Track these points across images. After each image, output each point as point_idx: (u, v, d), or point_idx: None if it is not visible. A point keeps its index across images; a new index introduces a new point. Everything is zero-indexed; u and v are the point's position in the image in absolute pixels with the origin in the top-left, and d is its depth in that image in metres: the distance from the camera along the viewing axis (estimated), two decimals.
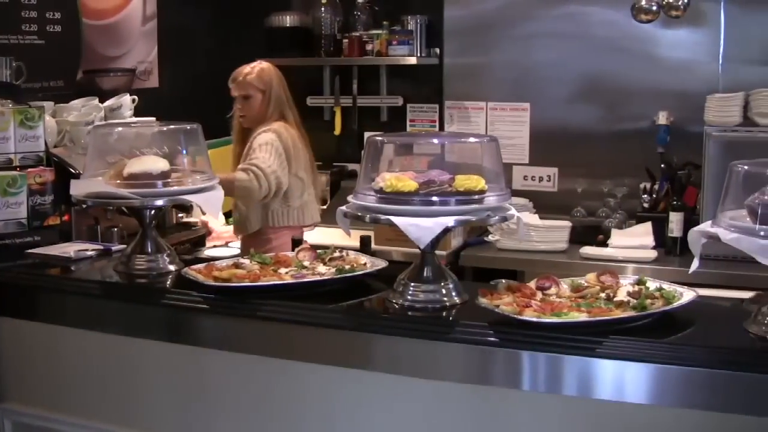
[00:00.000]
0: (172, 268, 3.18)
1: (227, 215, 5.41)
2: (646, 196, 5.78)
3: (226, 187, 4.71)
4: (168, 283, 3.10)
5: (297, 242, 4.21)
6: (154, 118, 4.56)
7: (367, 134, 5.79)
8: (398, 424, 2.79)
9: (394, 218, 2.63)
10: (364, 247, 3.78)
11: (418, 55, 6.34)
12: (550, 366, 2.49)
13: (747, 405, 2.33)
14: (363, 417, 2.82)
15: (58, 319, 3.21)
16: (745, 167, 2.49)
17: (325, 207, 6.01)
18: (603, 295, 2.68)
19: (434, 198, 2.64)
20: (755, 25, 5.73)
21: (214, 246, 5.47)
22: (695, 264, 2.60)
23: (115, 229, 4.32)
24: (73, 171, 4.06)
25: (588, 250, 5.53)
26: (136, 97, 5.08)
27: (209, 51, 6.39)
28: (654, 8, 5.60)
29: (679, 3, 5.54)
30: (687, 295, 2.66)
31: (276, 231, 4.95)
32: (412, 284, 2.73)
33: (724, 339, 2.51)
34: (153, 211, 3.19)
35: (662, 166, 5.71)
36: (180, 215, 5.32)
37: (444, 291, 2.73)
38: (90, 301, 3.13)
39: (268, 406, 2.95)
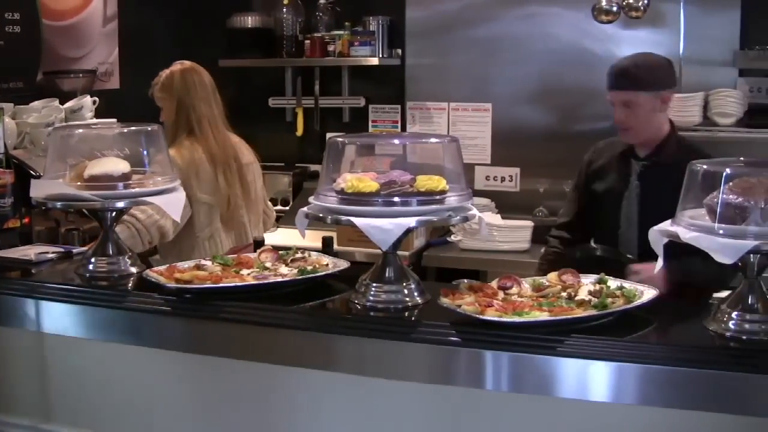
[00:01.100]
0: (133, 270, 3.16)
1: None
2: None
3: None
4: (129, 285, 3.09)
5: (259, 244, 4.20)
6: (115, 120, 4.52)
7: (329, 135, 5.78)
8: (361, 425, 2.79)
9: (355, 219, 2.63)
10: (327, 248, 3.77)
11: (380, 55, 6.35)
12: (511, 365, 2.50)
13: (707, 401, 2.35)
14: (326, 418, 2.83)
15: (18, 323, 3.19)
16: (704, 167, 2.51)
17: (287, 208, 6.01)
18: (564, 294, 2.69)
19: (395, 199, 2.64)
20: (715, 26, 5.77)
21: None
22: (659, 263, 2.62)
23: (76, 232, 4.28)
24: (33, 173, 4.02)
25: None
26: (96, 99, 5.05)
27: (170, 52, 6.34)
28: (614, 9, 5.62)
29: (639, 4, 5.57)
30: (647, 293, 2.67)
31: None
32: (374, 285, 2.73)
33: (684, 337, 2.54)
34: (114, 213, 3.17)
35: None
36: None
37: (406, 291, 2.73)
38: (51, 305, 3.11)
39: (231, 408, 2.94)
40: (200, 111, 4.53)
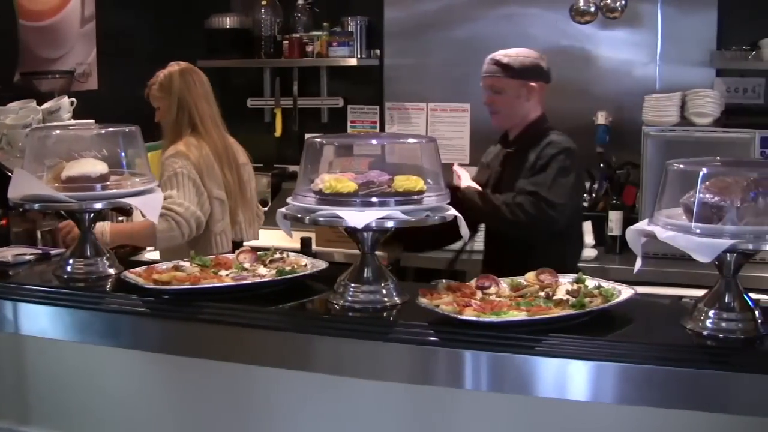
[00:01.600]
0: (111, 271, 3.15)
1: None
2: (585, 195, 5.82)
3: (144, 237, 4.55)
4: (108, 286, 3.07)
5: (237, 245, 4.20)
6: (93, 121, 4.50)
7: (307, 136, 5.78)
8: (340, 425, 2.79)
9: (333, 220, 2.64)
10: (305, 248, 3.78)
11: (359, 56, 6.36)
12: (490, 365, 2.50)
13: (684, 400, 2.36)
14: (305, 418, 2.82)
15: None
16: (681, 166, 2.52)
17: (266, 209, 5.99)
18: (542, 293, 2.70)
19: (373, 199, 2.64)
20: (692, 27, 5.81)
21: (155, 249, 5.43)
22: (639, 263, 2.62)
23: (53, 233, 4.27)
24: (10, 174, 3.99)
25: None
26: (74, 100, 5.03)
27: (149, 53, 6.35)
28: (592, 10, 5.65)
29: (617, 4, 5.59)
30: (625, 292, 2.68)
31: None
32: (353, 285, 2.73)
33: (661, 335, 2.54)
34: (92, 215, 3.16)
35: (601, 165, 5.77)
36: (120, 218, 5.27)
37: (384, 291, 2.73)
38: (28, 307, 3.09)
39: (210, 409, 2.94)
40: (202, 109, 4.64)
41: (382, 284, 2.74)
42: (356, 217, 2.59)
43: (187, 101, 4.62)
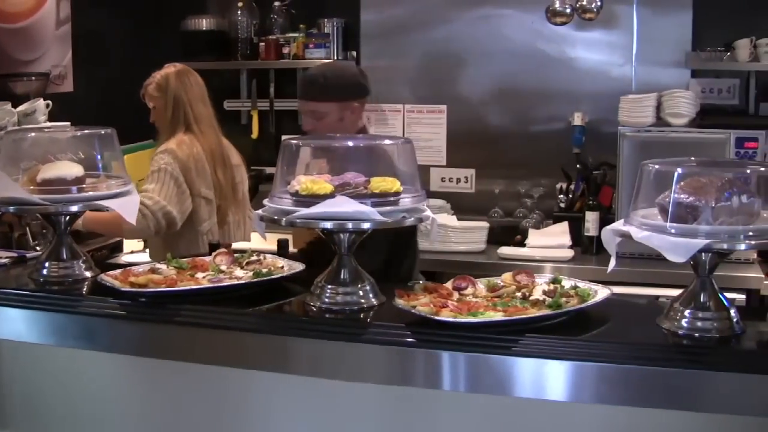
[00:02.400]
0: (88, 274, 3.13)
1: None
2: (562, 196, 5.86)
3: (114, 226, 4.55)
4: (84, 289, 3.06)
5: (214, 246, 4.19)
6: (68, 123, 4.50)
7: (284, 137, 5.77)
8: (318, 427, 2.79)
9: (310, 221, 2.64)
10: (282, 250, 3.76)
11: (335, 57, 6.35)
12: (467, 365, 2.50)
13: (661, 398, 2.37)
14: (282, 420, 2.82)
15: None
16: (656, 166, 2.53)
17: None
18: (519, 294, 2.70)
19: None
20: (667, 28, 5.84)
21: (132, 252, 5.42)
22: (612, 263, 2.64)
23: (45, 231, 4.26)
24: None
25: (506, 250, 5.59)
26: (50, 102, 5.02)
27: (125, 55, 6.34)
28: (568, 11, 5.66)
29: (593, 6, 5.61)
30: (601, 292, 2.69)
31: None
32: (329, 287, 2.73)
33: (637, 335, 2.55)
34: (68, 218, 3.15)
35: (578, 166, 5.79)
36: None
37: (361, 293, 2.73)
38: (4, 310, 3.08)
39: (187, 411, 2.94)
40: (197, 110, 4.68)
41: (359, 286, 2.74)
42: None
43: (183, 101, 4.65)
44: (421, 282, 2.77)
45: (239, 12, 6.50)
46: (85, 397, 3.09)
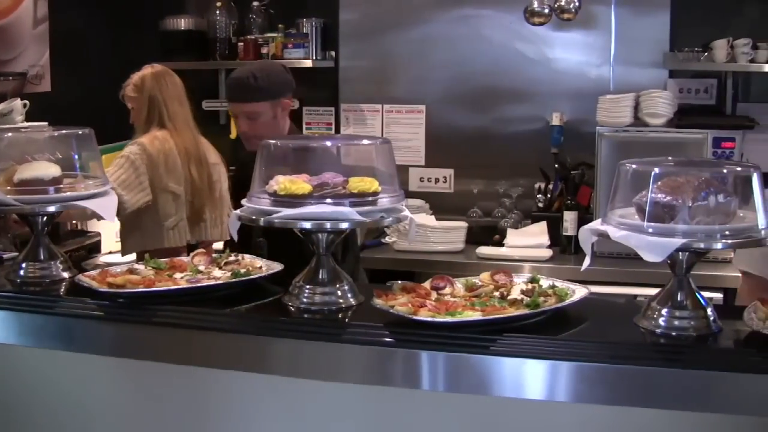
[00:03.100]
0: (65, 275, 3.12)
1: None
2: (540, 196, 5.87)
3: None
4: (61, 290, 3.04)
5: (193, 247, 4.19)
6: (46, 123, 4.48)
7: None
8: (297, 427, 2.79)
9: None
10: (260, 250, 3.76)
11: (314, 58, 6.34)
12: (446, 365, 2.50)
13: (638, 397, 2.37)
14: (261, 420, 2.82)
15: None
16: (633, 166, 2.54)
17: None
18: (497, 293, 2.70)
19: (328, 200, 2.64)
20: (645, 28, 5.87)
21: (110, 252, 5.40)
22: (587, 262, 2.64)
23: (10, 235, 4.24)
24: None
25: (484, 250, 5.60)
26: (27, 102, 5.00)
27: (103, 55, 6.32)
28: (546, 11, 5.67)
29: (571, 6, 5.63)
30: (579, 292, 2.69)
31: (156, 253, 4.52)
32: (308, 287, 2.73)
33: (615, 334, 2.56)
34: (45, 218, 3.13)
35: (556, 166, 5.81)
36: (74, 222, 5.25)
37: (339, 293, 2.73)
38: None
39: (166, 413, 2.93)
40: (172, 109, 4.71)
41: (337, 286, 2.74)
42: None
43: (158, 100, 4.69)
44: (399, 282, 2.76)
45: (218, 12, 6.49)
46: (63, 399, 3.08)
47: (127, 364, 2.90)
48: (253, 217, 2.71)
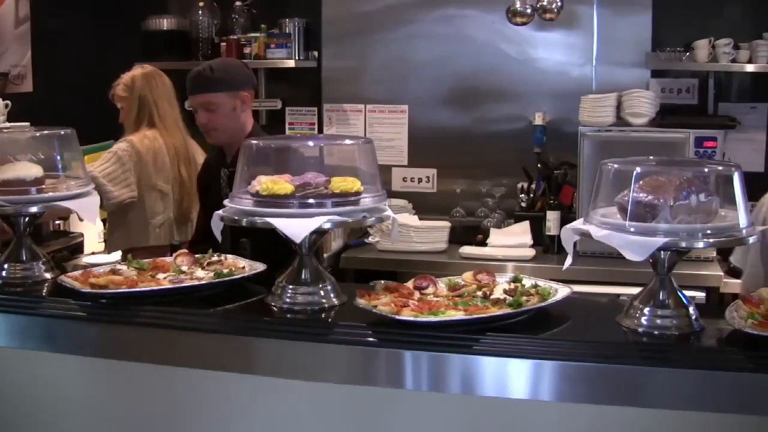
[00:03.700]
0: (48, 276, 3.11)
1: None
2: (523, 195, 5.88)
3: None
4: (44, 291, 3.04)
5: (175, 247, 4.17)
6: (28, 124, 4.46)
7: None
8: (280, 427, 2.79)
9: (270, 219, 2.63)
10: (243, 250, 3.75)
11: (297, 58, 6.34)
12: (429, 364, 2.50)
13: (621, 396, 2.39)
14: (245, 420, 2.82)
15: None
16: (615, 165, 2.55)
17: None
18: (480, 293, 2.70)
19: (310, 200, 2.64)
20: (627, 28, 5.89)
21: (93, 253, 5.38)
22: (569, 261, 2.65)
23: None
24: None
25: (467, 249, 5.60)
26: (9, 102, 4.98)
27: (85, 55, 6.30)
28: (528, 11, 5.68)
29: (553, 6, 5.64)
30: (562, 291, 2.70)
31: (140, 252, 4.55)
32: (290, 287, 2.73)
33: (598, 333, 2.57)
34: (27, 219, 3.12)
35: (539, 165, 5.82)
36: (57, 222, 5.23)
37: (322, 293, 2.73)
38: None
39: (149, 413, 2.92)
40: (162, 109, 4.78)
41: (320, 286, 2.74)
42: (293, 224, 2.60)
43: (148, 101, 4.74)
44: (382, 282, 2.77)
45: (200, 12, 6.48)
46: (46, 400, 3.07)
47: (110, 365, 2.90)
48: (236, 218, 2.70)
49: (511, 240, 5.62)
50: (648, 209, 2.42)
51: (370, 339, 2.53)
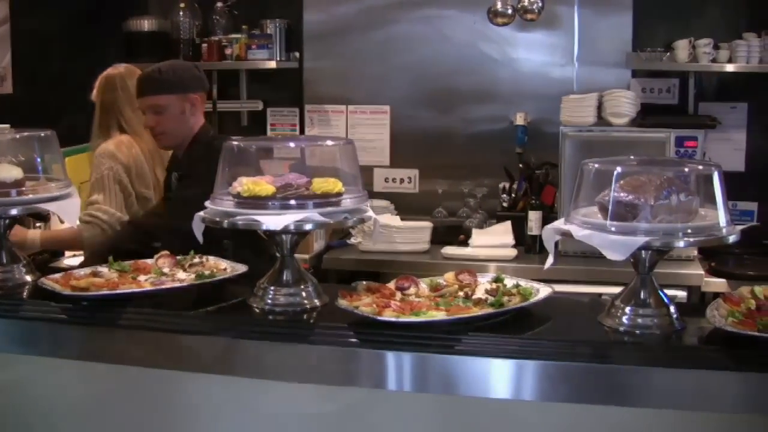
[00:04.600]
0: (28, 278, 3.10)
1: None
2: (505, 195, 5.88)
3: (73, 243, 4.55)
4: (24, 294, 3.03)
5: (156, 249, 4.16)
6: (8, 126, 4.44)
7: None
8: (263, 428, 2.79)
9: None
10: (224, 251, 3.75)
11: (278, 59, 6.33)
12: (411, 365, 2.50)
13: (603, 395, 2.39)
14: (226, 422, 2.81)
15: None
16: (596, 165, 2.56)
17: None
18: (461, 293, 2.71)
19: (292, 201, 2.64)
20: (607, 28, 5.90)
21: (74, 255, 5.36)
22: (550, 260, 2.66)
23: None
24: None
25: (449, 249, 5.61)
26: None
27: (66, 56, 6.26)
28: (509, 12, 5.69)
29: (534, 7, 5.65)
30: (543, 291, 2.71)
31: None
32: (272, 288, 2.73)
33: (579, 332, 2.57)
34: (7, 221, 3.11)
35: (520, 165, 5.83)
36: (37, 225, 5.20)
37: (304, 294, 2.73)
38: None
39: (131, 416, 2.92)
40: (130, 113, 4.58)
41: (302, 287, 2.74)
42: (274, 220, 2.59)
43: (119, 102, 4.61)
44: (363, 282, 2.77)
45: (181, 13, 6.46)
46: (28, 403, 3.06)
47: (92, 367, 2.89)
48: (217, 219, 2.70)
49: (493, 240, 5.62)
50: (629, 209, 2.43)
51: (352, 340, 2.53)
